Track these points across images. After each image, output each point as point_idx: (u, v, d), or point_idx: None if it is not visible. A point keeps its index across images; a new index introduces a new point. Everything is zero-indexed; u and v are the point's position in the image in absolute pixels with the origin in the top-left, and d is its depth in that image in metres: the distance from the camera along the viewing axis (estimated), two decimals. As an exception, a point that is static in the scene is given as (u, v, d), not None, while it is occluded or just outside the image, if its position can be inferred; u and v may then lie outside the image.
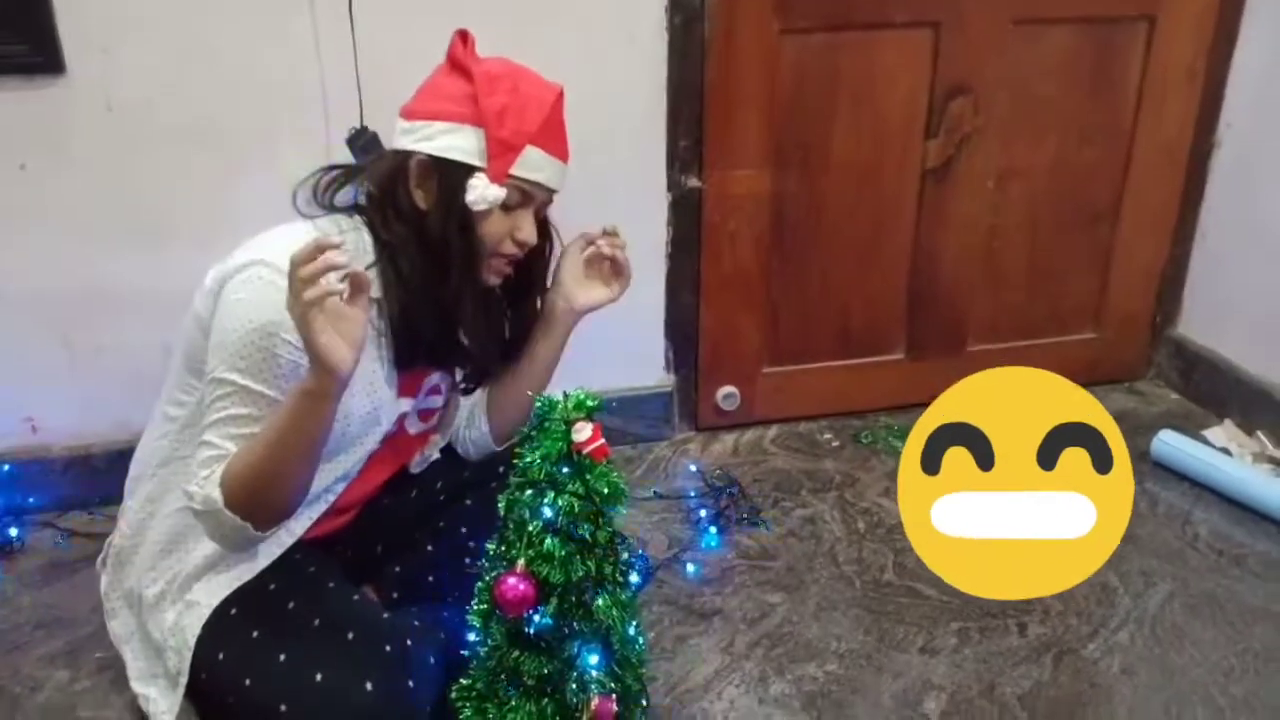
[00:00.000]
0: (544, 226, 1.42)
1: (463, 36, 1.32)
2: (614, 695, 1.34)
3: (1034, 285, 2.27)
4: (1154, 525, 1.89)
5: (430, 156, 1.28)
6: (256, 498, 1.23)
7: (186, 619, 1.35)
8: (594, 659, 1.32)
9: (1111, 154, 2.20)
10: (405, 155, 1.30)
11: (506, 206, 1.30)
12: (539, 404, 1.29)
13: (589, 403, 1.28)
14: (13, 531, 1.84)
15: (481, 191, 1.27)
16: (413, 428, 1.50)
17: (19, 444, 1.91)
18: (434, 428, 1.55)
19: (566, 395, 1.28)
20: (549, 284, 1.50)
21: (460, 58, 1.31)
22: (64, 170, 1.75)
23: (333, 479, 1.40)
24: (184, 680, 1.34)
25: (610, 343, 2.06)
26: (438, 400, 1.52)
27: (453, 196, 1.28)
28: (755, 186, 2.03)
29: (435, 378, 1.48)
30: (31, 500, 1.90)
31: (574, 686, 1.32)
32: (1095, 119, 2.16)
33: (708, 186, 2.01)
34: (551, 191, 1.36)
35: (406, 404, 1.45)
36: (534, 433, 1.30)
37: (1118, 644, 1.59)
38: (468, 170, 1.27)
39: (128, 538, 1.46)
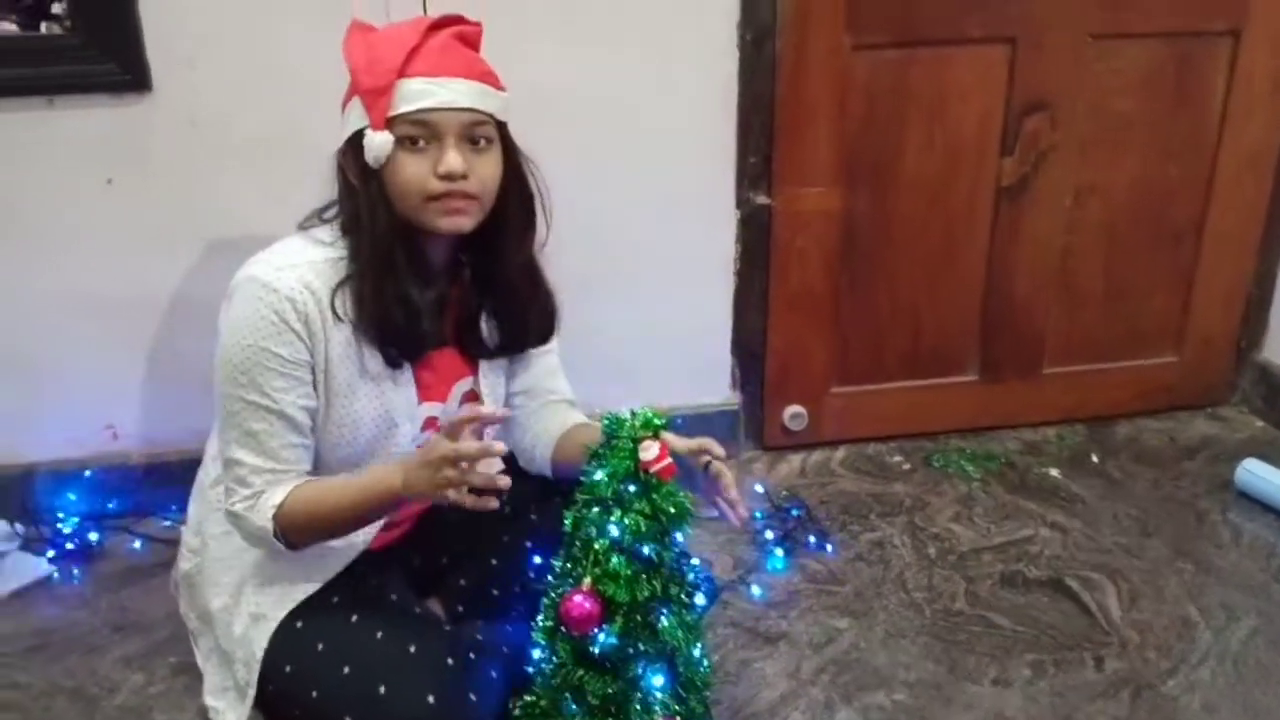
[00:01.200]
0: (509, 162, 1.34)
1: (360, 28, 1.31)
2: (678, 717, 1.33)
3: (1112, 306, 2.21)
4: (1237, 557, 1.82)
5: (345, 142, 1.29)
6: (304, 536, 1.32)
7: (253, 631, 1.37)
8: (658, 680, 1.31)
9: (1194, 170, 2.14)
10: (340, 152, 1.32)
11: (415, 146, 1.26)
12: (606, 422, 1.29)
13: (656, 421, 1.27)
14: (92, 536, 1.88)
15: (370, 145, 1.25)
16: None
17: (100, 451, 1.96)
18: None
19: (634, 414, 1.28)
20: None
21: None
22: (148, 184, 1.80)
23: None
24: (252, 692, 1.36)
25: (676, 359, 2.06)
26: (481, 401, 1.47)
27: (362, 164, 1.27)
28: (825, 204, 2.00)
29: (468, 382, 1.45)
30: (111, 506, 1.95)
31: (638, 708, 1.31)
32: (1177, 134, 2.10)
33: (777, 204, 1.99)
34: (465, 111, 1.26)
35: (434, 408, 1.42)
36: (601, 450, 1.30)
37: (1199, 680, 1.53)
38: (361, 134, 1.26)
39: (190, 560, 1.49)
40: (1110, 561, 1.81)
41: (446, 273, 1.39)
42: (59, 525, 1.89)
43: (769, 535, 1.88)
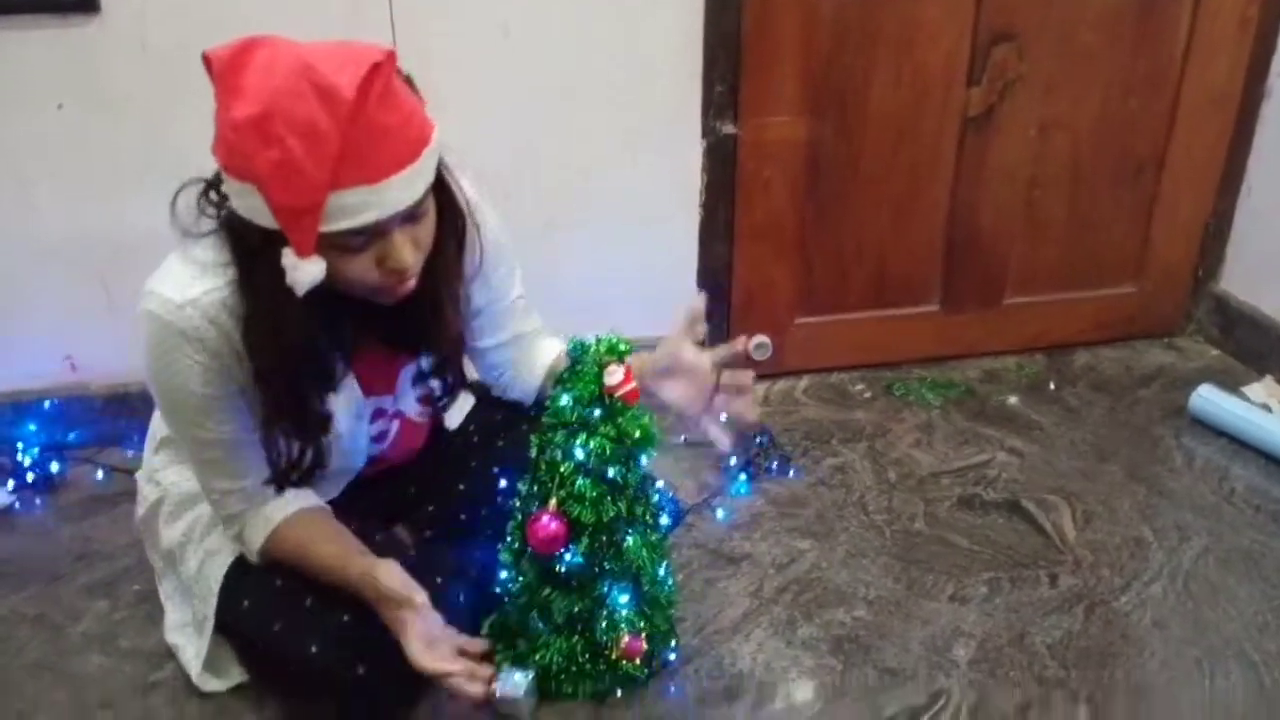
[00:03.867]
0: (442, 197, 1.17)
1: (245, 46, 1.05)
2: (643, 634, 1.36)
3: (1074, 237, 2.23)
4: (1190, 480, 1.87)
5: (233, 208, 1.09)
6: (287, 566, 1.31)
7: (209, 566, 1.37)
8: (624, 598, 1.34)
9: (1157, 104, 2.14)
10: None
11: (351, 249, 1.08)
12: (571, 347, 1.29)
13: (621, 346, 1.28)
14: (54, 467, 1.87)
15: (295, 274, 1.05)
16: (418, 415, 1.44)
17: (58, 382, 1.94)
18: (443, 405, 1.46)
19: (599, 339, 1.29)
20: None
21: (220, 73, 1.04)
22: (101, 111, 1.76)
23: (336, 480, 1.40)
24: (209, 626, 1.36)
25: (642, 293, 2.05)
26: (430, 386, 1.42)
27: (274, 274, 1.06)
28: (791, 134, 2.00)
29: (411, 369, 1.38)
30: (72, 436, 1.93)
31: (604, 625, 1.34)
32: (1141, 68, 2.10)
33: (743, 133, 1.98)
34: (404, 208, 1.07)
35: (383, 401, 1.38)
36: (567, 375, 1.30)
37: (1150, 597, 1.58)
38: (276, 239, 1.05)
39: (146, 506, 1.48)
40: (1066, 485, 1.85)
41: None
42: (19, 456, 1.87)
43: (733, 461, 1.90)
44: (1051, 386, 2.18)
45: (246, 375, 1.20)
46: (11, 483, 1.83)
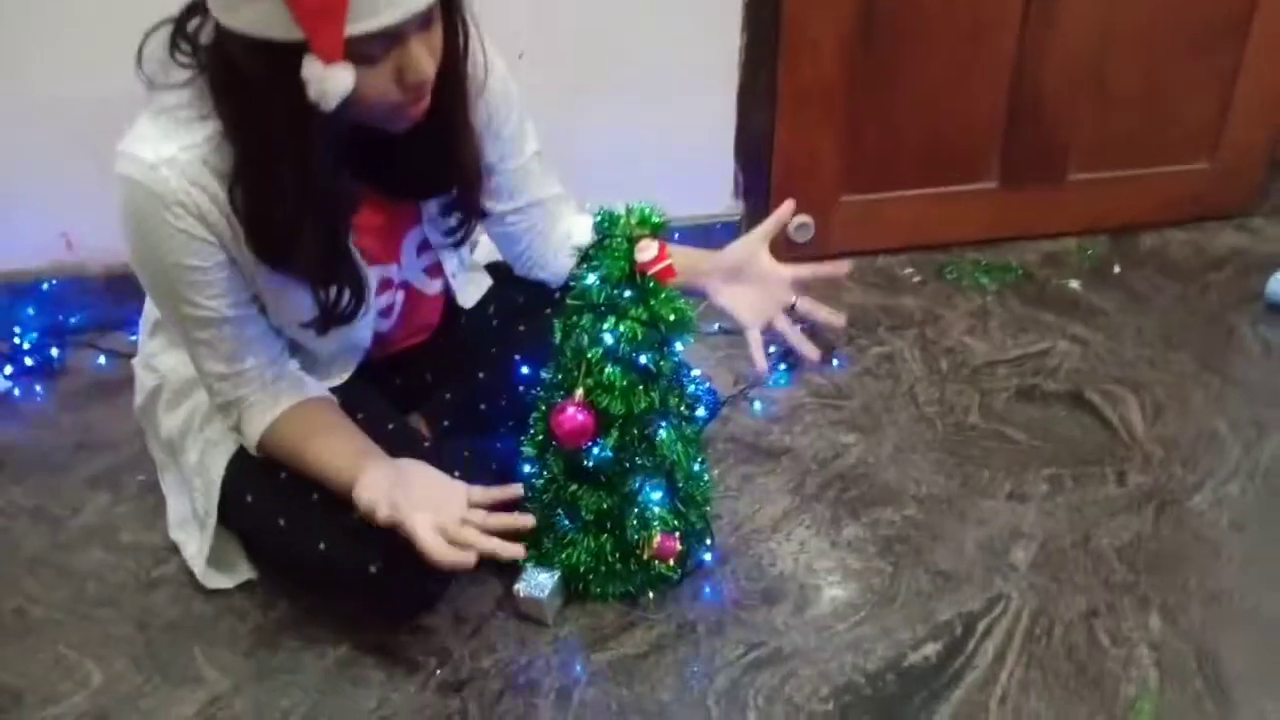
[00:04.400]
0: (448, 21, 1.06)
1: None
2: (677, 533, 1.26)
3: (1146, 108, 2.03)
4: (1267, 370, 1.73)
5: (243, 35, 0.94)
6: (282, 461, 1.22)
7: (210, 457, 1.27)
8: (656, 495, 1.24)
9: (1247, -41, 1.93)
10: (218, 28, 0.98)
11: (371, 60, 0.98)
12: (599, 219, 1.16)
13: (654, 218, 1.15)
14: (53, 352, 1.78)
15: (321, 86, 0.94)
16: (427, 288, 1.34)
17: (56, 260, 1.83)
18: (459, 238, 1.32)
19: (629, 209, 1.15)
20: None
21: None
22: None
23: (343, 359, 1.29)
24: (212, 521, 1.27)
25: (674, 167, 1.91)
26: (435, 254, 1.32)
27: (274, 108, 0.97)
28: (841, -14, 1.81)
29: (417, 233, 1.27)
30: (72, 320, 1.83)
31: (635, 523, 1.24)
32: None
33: (788, -14, 1.79)
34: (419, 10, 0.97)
35: (387, 270, 1.25)
36: (593, 251, 1.17)
37: (1226, 496, 1.46)
38: (291, 50, 0.93)
39: (144, 394, 1.37)
40: (1133, 375, 1.72)
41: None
42: (16, 341, 1.77)
43: (771, 350, 1.76)
44: (1116, 270, 2.02)
45: (237, 242, 1.08)
46: (9, 368, 1.74)
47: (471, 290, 1.43)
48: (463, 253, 1.36)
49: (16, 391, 1.72)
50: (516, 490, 1.20)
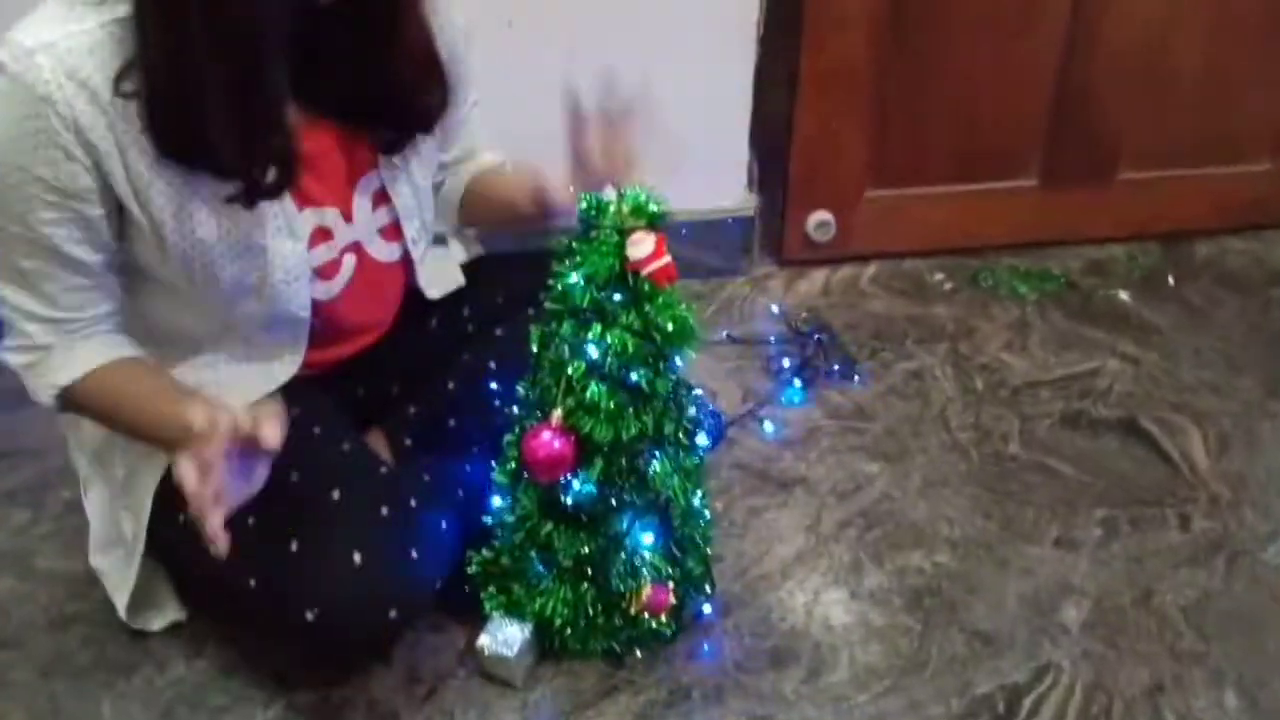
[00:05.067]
0: None
1: None
2: (671, 583, 1.07)
3: (1207, 102, 1.84)
4: (1344, 401, 1.53)
5: None
6: (93, 418, 1.09)
7: (141, 472, 1.08)
8: (647, 538, 1.06)
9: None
10: None
11: None
12: (585, 206, 0.97)
13: (652, 206, 0.96)
14: (-14, 346, 1.59)
15: None
16: (381, 253, 1.14)
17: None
18: (417, 240, 1.17)
19: (621, 195, 0.96)
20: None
21: None
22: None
23: (281, 337, 1.09)
24: (140, 546, 1.09)
25: (681, 149, 1.71)
26: (398, 209, 1.13)
27: None
28: (872, -42, 1.62)
29: (370, 180, 1.09)
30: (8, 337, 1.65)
31: (621, 570, 1.06)
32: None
33: (813, -45, 1.61)
34: None
35: (326, 216, 1.07)
36: (577, 244, 0.98)
37: (1308, 547, 1.27)
38: None
39: None
40: (1193, 401, 1.52)
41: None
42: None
43: (785, 363, 1.59)
44: (1170, 281, 1.83)
45: (121, 169, 0.92)
46: (-66, 364, 1.56)
47: (437, 275, 1.24)
48: (426, 217, 1.17)
49: (-61, 390, 1.54)
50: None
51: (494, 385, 1.15)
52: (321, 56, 0.97)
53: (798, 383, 1.55)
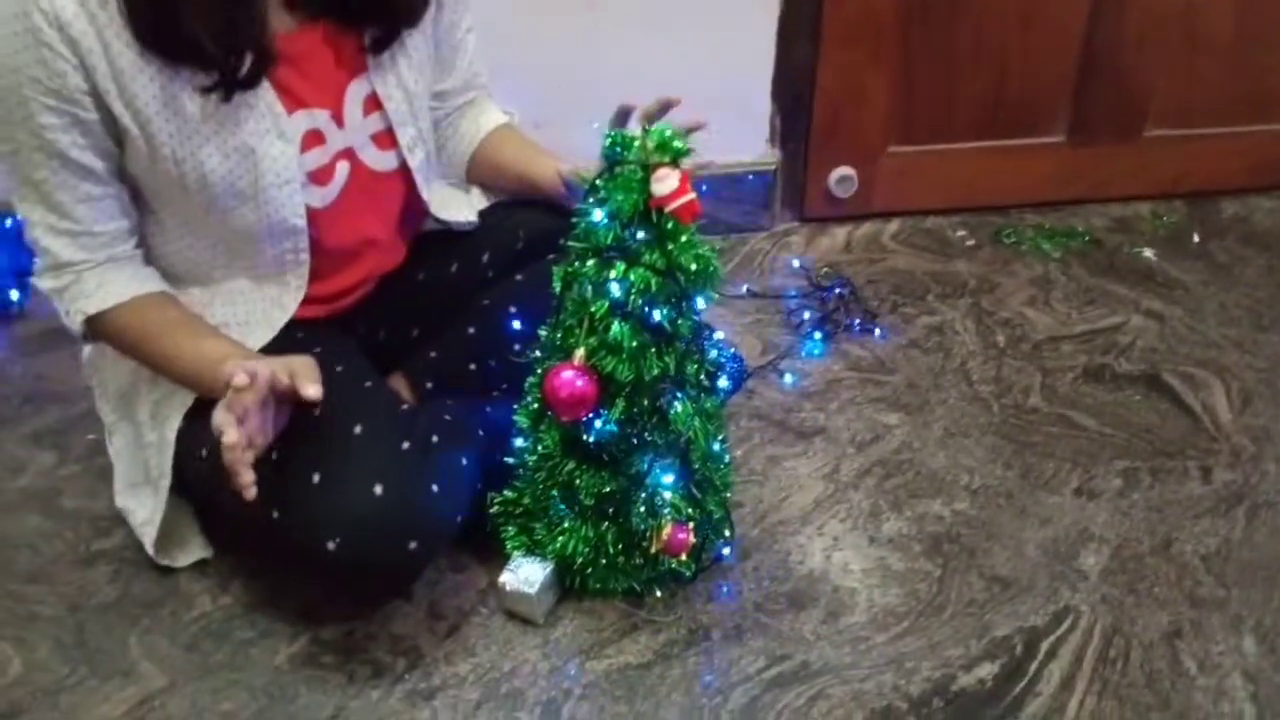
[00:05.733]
0: None
1: None
2: (691, 523, 1.08)
3: (1238, 57, 1.81)
4: (1369, 357, 1.52)
5: None
6: (118, 348, 1.10)
7: (164, 408, 1.09)
8: (668, 478, 1.06)
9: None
10: None
11: None
12: (608, 142, 0.97)
13: (676, 143, 0.95)
14: (13, 294, 1.61)
15: None
16: (376, 162, 1.13)
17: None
18: (412, 148, 1.15)
19: (647, 131, 0.95)
20: None
21: None
22: None
23: (280, 250, 1.09)
24: (166, 483, 1.10)
25: (701, 102, 1.69)
26: (390, 114, 1.12)
27: None
28: (899, -94, 1.60)
29: (360, 84, 1.09)
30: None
31: (642, 510, 1.06)
32: None
33: (839, -99, 1.59)
34: None
35: (316, 118, 1.06)
36: (601, 182, 0.98)
37: (1330, 499, 1.26)
38: None
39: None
40: (1217, 356, 1.51)
41: None
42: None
43: (806, 316, 1.59)
44: (1195, 239, 1.81)
45: (110, 74, 0.94)
46: (-40, 312, 1.58)
47: (451, 200, 1.24)
48: (422, 126, 1.16)
49: (-33, 338, 1.56)
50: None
51: (514, 328, 1.15)
52: None
53: (818, 336, 1.54)
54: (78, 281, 1.03)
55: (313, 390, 0.95)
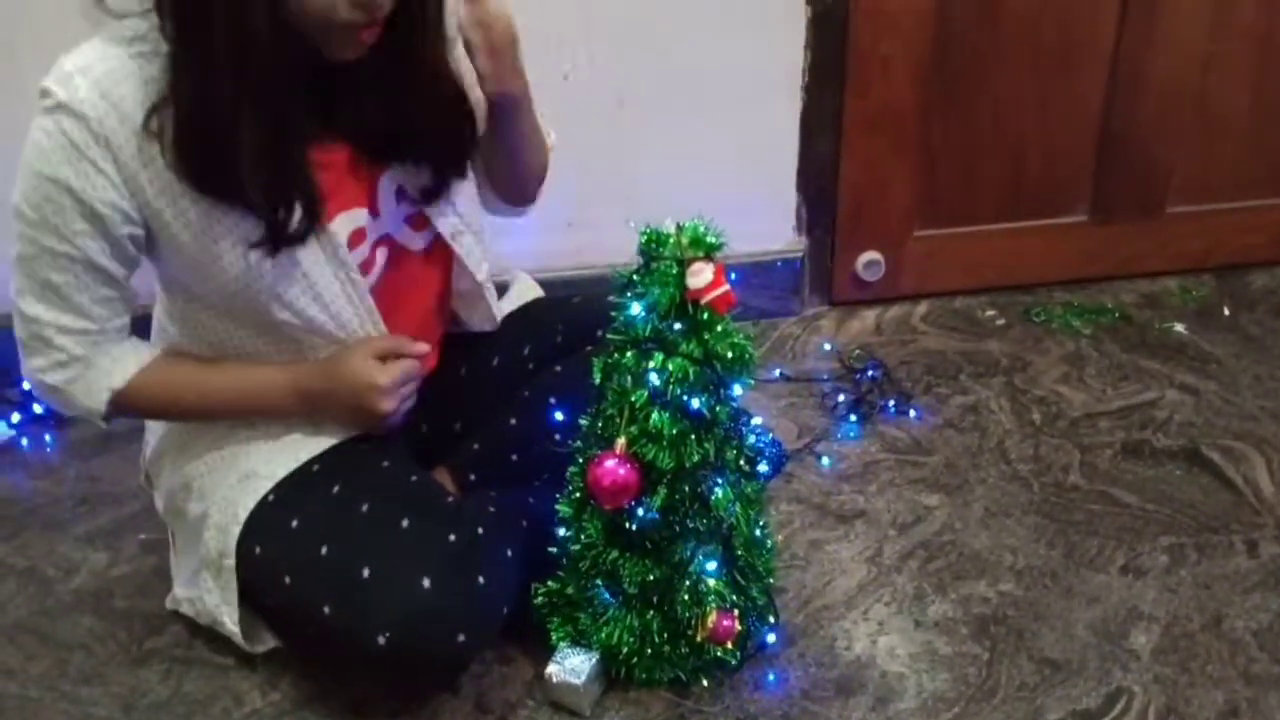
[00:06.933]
0: None
1: None
2: (735, 610, 1.08)
3: (1257, 132, 1.84)
4: None
5: None
6: (147, 416, 1.18)
7: (237, 493, 1.12)
8: (711, 565, 1.06)
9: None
10: None
11: None
12: (644, 239, 1.00)
13: (710, 238, 0.99)
14: (67, 399, 1.66)
15: None
16: (411, 242, 1.16)
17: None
18: (454, 232, 1.17)
19: (679, 227, 0.99)
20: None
21: None
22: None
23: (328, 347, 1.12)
24: (230, 563, 1.11)
25: (730, 196, 1.73)
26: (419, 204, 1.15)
27: (228, 24, 0.90)
28: (915, 1, 1.65)
29: (392, 175, 1.11)
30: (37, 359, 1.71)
31: (686, 597, 1.06)
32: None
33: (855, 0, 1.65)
34: None
35: (355, 217, 1.09)
36: (638, 277, 1.01)
37: (1383, 572, 1.24)
38: None
39: (157, 434, 1.23)
40: (1255, 429, 1.51)
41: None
42: (26, 386, 1.65)
43: (840, 399, 1.60)
44: (1225, 312, 1.82)
45: (144, 175, 0.97)
46: (17, 416, 1.63)
47: (482, 260, 1.24)
48: (461, 209, 1.17)
49: (25, 441, 1.60)
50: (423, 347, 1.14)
51: (555, 418, 1.18)
52: (346, 109, 1.04)
53: (853, 418, 1.55)
54: (89, 368, 1.05)
55: (420, 347, 1.13)
